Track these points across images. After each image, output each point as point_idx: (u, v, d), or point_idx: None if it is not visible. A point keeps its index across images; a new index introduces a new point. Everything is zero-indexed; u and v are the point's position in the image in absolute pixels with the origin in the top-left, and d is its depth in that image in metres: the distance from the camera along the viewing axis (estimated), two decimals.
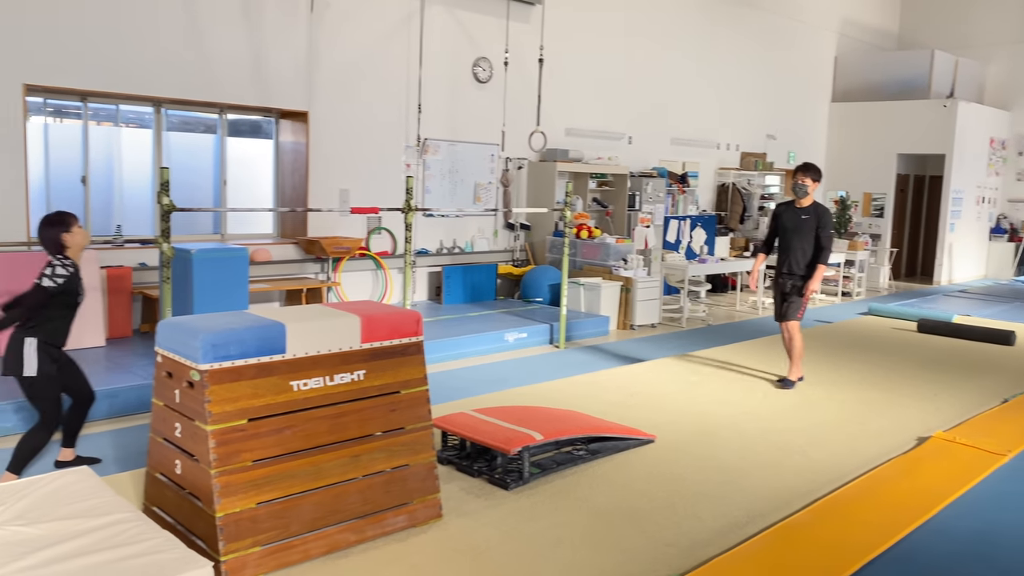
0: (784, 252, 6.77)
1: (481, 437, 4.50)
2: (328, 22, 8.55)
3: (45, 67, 6.83)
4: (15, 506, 3.31)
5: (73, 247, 4.29)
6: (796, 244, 6.66)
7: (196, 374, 3.27)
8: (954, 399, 6.68)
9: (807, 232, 6.62)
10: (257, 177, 8.90)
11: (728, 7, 13.40)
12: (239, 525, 3.26)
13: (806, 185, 6.65)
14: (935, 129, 14.66)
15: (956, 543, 3.95)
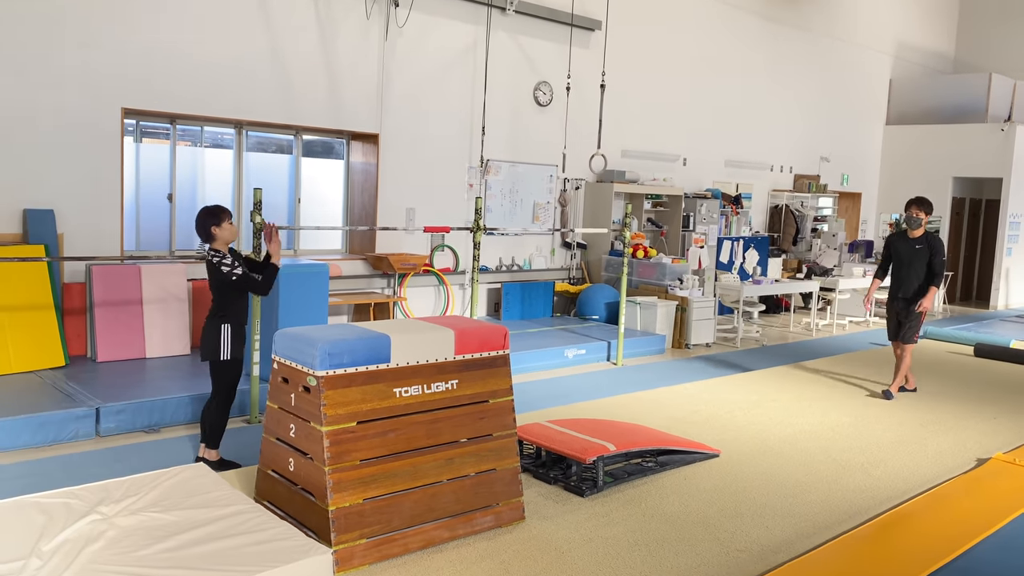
0: (898, 279, 7.41)
1: (557, 447, 4.77)
2: (399, 48, 8.98)
3: (141, 92, 7.32)
4: (148, 495, 3.68)
5: (220, 239, 4.77)
6: (911, 271, 7.30)
7: (313, 379, 3.61)
8: (1012, 422, 6.76)
9: (920, 260, 7.25)
10: (328, 195, 9.33)
11: (783, 29, 13.58)
12: (348, 518, 3.58)
13: (920, 218, 7.28)
14: (992, 153, 14.61)
15: (1017, 559, 4.10)
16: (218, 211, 4.80)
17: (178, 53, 7.49)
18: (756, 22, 13.11)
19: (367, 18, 8.65)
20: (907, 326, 7.34)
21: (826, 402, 7.18)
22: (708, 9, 12.30)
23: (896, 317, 7.44)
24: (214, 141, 8.42)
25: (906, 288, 7.32)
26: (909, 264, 7.30)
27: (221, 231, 4.77)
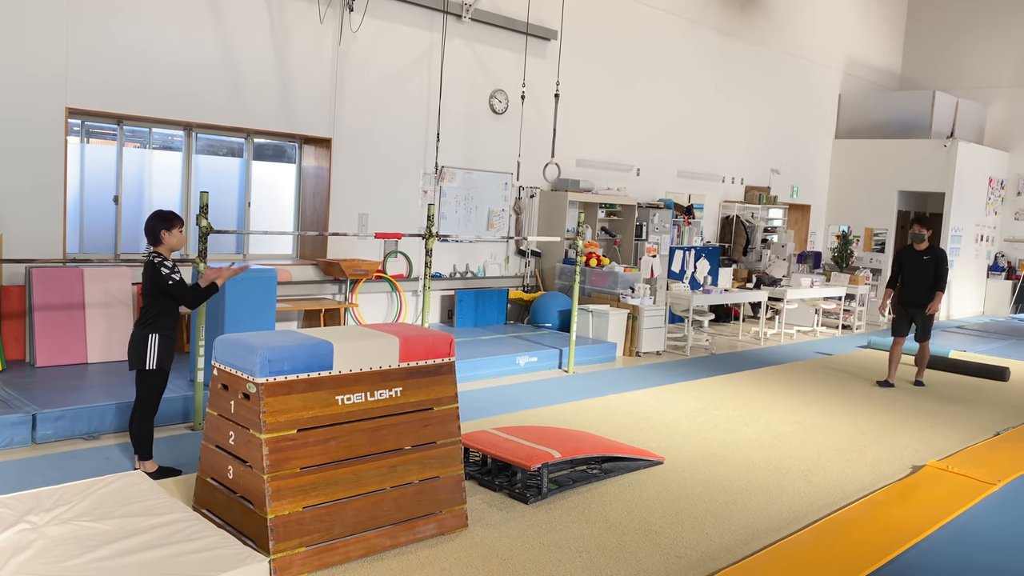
0: (910, 287, 8.55)
1: (502, 454, 4.79)
2: (353, 53, 8.94)
3: (86, 92, 7.18)
4: (81, 504, 3.60)
5: (167, 245, 4.72)
6: (920, 280, 8.46)
7: (252, 386, 3.58)
8: (949, 431, 6.96)
9: (928, 270, 8.43)
10: (279, 200, 9.24)
11: (736, 43, 13.84)
12: (287, 526, 3.55)
13: (923, 234, 8.50)
14: (935, 168, 15.05)
15: (946, 563, 4.23)
16: (171, 216, 4.75)
17: (126, 53, 7.36)
18: (710, 35, 13.33)
19: (321, 22, 8.61)
20: (921, 327, 8.62)
21: (770, 410, 7.32)
22: (663, 21, 12.48)
23: (909, 319, 8.62)
24: (163, 143, 8.29)
25: (918, 294, 8.47)
26: (919, 274, 8.44)
27: (170, 237, 4.72)
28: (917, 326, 8.64)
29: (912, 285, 8.53)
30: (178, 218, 4.78)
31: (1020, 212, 16.72)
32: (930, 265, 8.44)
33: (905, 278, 8.61)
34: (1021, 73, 16.66)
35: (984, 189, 16.05)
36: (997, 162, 16.42)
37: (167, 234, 4.71)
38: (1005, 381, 9.30)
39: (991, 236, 16.54)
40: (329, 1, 8.64)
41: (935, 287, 8.41)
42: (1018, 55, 16.67)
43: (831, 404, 7.69)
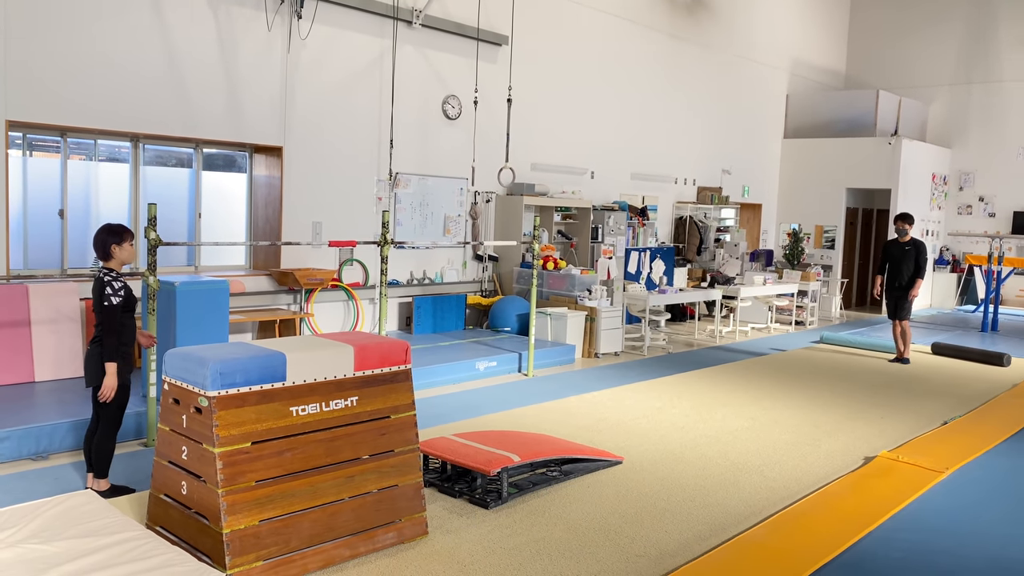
0: (894, 274, 9.94)
1: (462, 460, 4.79)
2: (303, 61, 8.87)
3: (26, 104, 7.01)
4: (28, 526, 3.51)
5: (117, 259, 4.65)
6: (902, 268, 9.84)
7: (204, 400, 3.52)
8: (899, 422, 7.13)
9: (910, 259, 9.81)
10: (231, 210, 9.11)
11: (685, 46, 14.03)
12: (244, 541, 3.50)
13: (906, 228, 9.86)
14: (881, 165, 15.42)
15: (898, 551, 4.33)
16: (121, 230, 4.68)
17: (68, 63, 7.21)
18: (660, 39, 13.50)
19: (269, 29, 8.52)
20: (903, 308, 9.84)
21: (726, 407, 7.42)
22: (612, 25, 12.60)
23: (895, 302, 9.90)
24: (110, 155, 8.13)
25: (900, 280, 9.84)
26: (902, 262, 9.82)
27: (121, 251, 4.65)
28: (899, 307, 9.88)
29: (896, 273, 9.87)
30: (128, 231, 4.72)
31: (963, 207, 17.20)
32: (911, 255, 9.77)
33: (890, 267, 9.95)
34: (960, 72, 17.17)
35: (928, 185, 16.49)
36: (939, 158, 16.89)
37: (118, 248, 4.64)
38: (1006, 367, 9.96)
39: (936, 231, 16.99)
40: (277, 8, 8.56)
41: (916, 274, 9.73)
42: (957, 54, 17.18)
43: (786, 399, 7.83)
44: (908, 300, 9.81)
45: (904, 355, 10.07)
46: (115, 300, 4.51)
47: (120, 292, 4.54)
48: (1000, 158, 16.74)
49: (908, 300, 9.81)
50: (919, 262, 9.77)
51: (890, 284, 10.00)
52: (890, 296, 10.02)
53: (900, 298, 9.86)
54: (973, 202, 17.08)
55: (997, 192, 16.81)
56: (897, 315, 9.95)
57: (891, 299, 10.00)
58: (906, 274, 9.80)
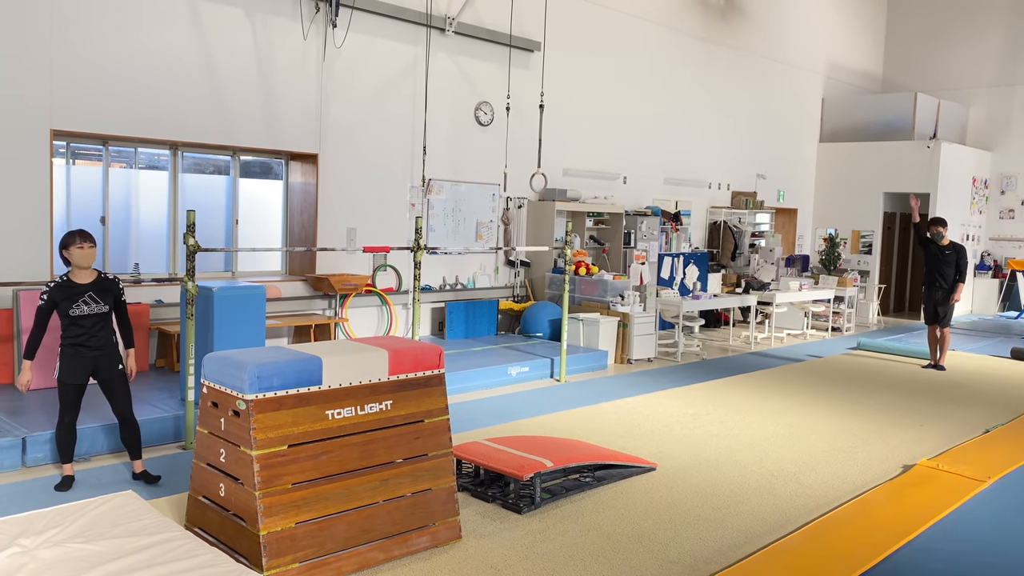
0: (932, 275, 9.80)
1: (495, 464, 4.80)
2: (338, 68, 8.98)
3: (70, 114, 7.19)
4: (72, 526, 3.59)
5: (73, 263, 4.83)
6: (944, 271, 9.72)
7: (242, 403, 3.58)
8: (939, 429, 7.01)
9: (950, 263, 9.69)
10: (267, 216, 9.24)
11: (719, 50, 13.94)
12: (280, 543, 3.55)
13: (942, 232, 9.72)
14: (919, 169, 15.17)
15: (938, 562, 4.25)
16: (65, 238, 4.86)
17: (110, 73, 7.37)
18: (692, 43, 13.43)
19: (304, 38, 8.64)
20: (944, 314, 9.72)
21: (762, 414, 7.35)
22: (644, 30, 12.57)
23: (934, 306, 9.76)
24: (149, 162, 8.30)
25: (941, 283, 9.70)
26: (943, 265, 9.69)
27: (69, 253, 4.82)
28: (940, 314, 9.75)
29: (937, 275, 9.75)
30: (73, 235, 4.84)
31: (1004, 211, 16.86)
32: (952, 258, 9.67)
33: (929, 269, 9.85)
34: (1001, 73, 16.84)
35: (968, 189, 16.18)
36: (980, 162, 16.57)
37: (67, 252, 4.83)
38: None
39: (977, 235, 16.66)
40: (312, 17, 8.68)
41: (958, 278, 9.63)
42: (998, 55, 16.85)
43: (822, 406, 7.73)
44: (950, 305, 9.68)
45: (940, 362, 9.91)
46: (39, 302, 4.77)
47: (43, 296, 4.76)
48: None
49: (950, 305, 9.68)
50: (960, 266, 9.66)
51: (929, 287, 9.88)
52: (929, 301, 9.87)
53: (941, 303, 9.73)
54: (1015, 206, 16.72)
55: None
56: (938, 321, 9.80)
57: (930, 304, 9.86)
58: (947, 277, 9.69)
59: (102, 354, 4.90)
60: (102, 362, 4.91)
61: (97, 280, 4.89)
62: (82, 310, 4.79)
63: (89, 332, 4.83)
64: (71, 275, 4.83)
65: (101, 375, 4.93)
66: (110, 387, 4.98)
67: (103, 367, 4.92)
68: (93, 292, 4.84)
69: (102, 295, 4.88)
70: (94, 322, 4.85)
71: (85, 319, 4.80)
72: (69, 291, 4.78)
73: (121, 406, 5.02)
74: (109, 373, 4.95)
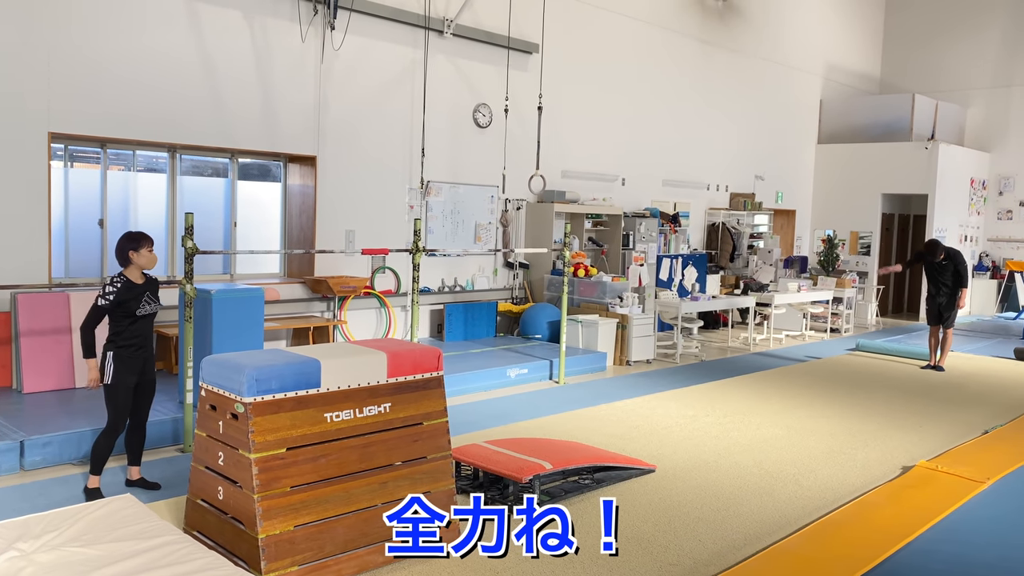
0: (934, 284, 9.90)
1: (494, 467, 4.79)
2: (336, 71, 8.97)
3: (68, 116, 7.18)
4: (69, 530, 3.58)
5: (136, 265, 4.80)
6: (943, 279, 9.81)
7: (240, 406, 3.58)
8: (938, 430, 7.00)
9: (948, 271, 9.76)
10: (265, 219, 9.24)
11: (717, 52, 13.95)
12: (279, 546, 3.54)
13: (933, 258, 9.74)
14: (918, 170, 15.18)
15: (938, 563, 4.25)
16: (139, 237, 4.84)
17: (108, 76, 7.37)
18: (690, 44, 13.44)
19: (303, 41, 8.64)
20: (947, 317, 9.83)
21: (761, 415, 7.34)
22: (643, 32, 12.58)
23: (938, 308, 9.88)
24: (147, 165, 8.29)
25: (942, 291, 9.81)
26: (939, 275, 9.80)
27: (138, 256, 4.80)
28: (943, 316, 9.86)
29: (934, 284, 9.90)
30: (146, 238, 4.85)
31: (1002, 212, 16.87)
32: (948, 267, 9.76)
33: (929, 279, 10.02)
34: (999, 74, 16.85)
35: (966, 190, 16.19)
36: (978, 163, 16.58)
37: (135, 254, 4.79)
38: None
39: (975, 236, 16.67)
40: (310, 20, 8.68)
41: (958, 284, 9.74)
42: (995, 56, 16.87)
43: (821, 407, 7.72)
44: (954, 309, 9.77)
45: (940, 363, 9.95)
46: (101, 302, 4.69)
47: (109, 296, 4.69)
48: None
49: (954, 309, 9.77)
50: (959, 272, 9.72)
51: (932, 293, 9.99)
52: (932, 304, 9.97)
53: (943, 306, 9.82)
54: (1013, 207, 16.73)
55: None
56: (941, 322, 9.88)
57: (934, 306, 9.95)
58: (947, 284, 9.76)
59: (150, 355, 4.93)
60: (149, 363, 4.94)
61: (148, 280, 4.91)
62: (145, 309, 4.81)
63: (145, 332, 4.87)
64: (128, 276, 4.80)
65: (148, 375, 4.92)
66: (147, 389, 4.96)
67: (149, 368, 4.94)
68: (149, 292, 4.87)
69: (155, 295, 4.92)
70: (149, 322, 4.90)
71: (145, 319, 4.83)
72: (133, 291, 4.78)
73: (146, 409, 5.01)
74: (151, 374, 4.97)
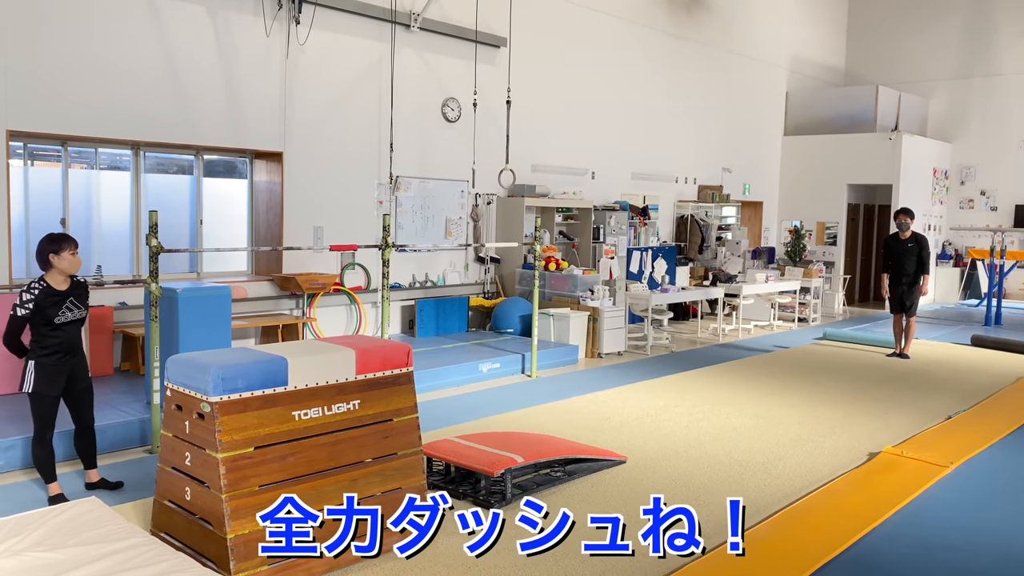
0: (897, 270, 9.90)
1: (465, 461, 4.79)
2: (302, 65, 8.89)
3: (26, 114, 7.04)
4: (33, 535, 3.52)
5: (58, 269, 4.58)
6: (905, 265, 9.79)
7: (207, 406, 3.53)
8: (903, 417, 7.12)
9: (912, 255, 9.76)
10: (232, 216, 9.13)
11: (683, 44, 14.03)
12: (248, 546, 3.51)
13: (907, 223, 9.79)
14: (882, 161, 15.40)
15: (904, 547, 4.33)
16: (60, 240, 4.61)
17: (68, 73, 7.23)
18: (658, 38, 13.50)
19: (267, 35, 8.54)
20: (909, 305, 9.85)
21: (730, 405, 7.42)
22: (610, 25, 12.61)
23: (900, 297, 9.89)
24: (111, 163, 8.16)
25: (905, 277, 9.80)
26: (904, 259, 9.77)
27: (59, 259, 4.58)
28: (905, 303, 9.89)
29: (899, 269, 9.84)
30: (68, 240, 4.63)
31: (964, 201, 17.17)
32: (914, 251, 9.75)
33: (893, 264, 9.92)
34: (960, 66, 17.14)
35: (929, 180, 16.46)
36: (940, 153, 16.86)
37: (56, 258, 4.57)
38: None
39: (938, 225, 16.96)
40: (275, 14, 8.58)
41: (920, 270, 9.77)
42: (956, 48, 17.15)
43: (789, 396, 7.82)
44: (917, 296, 9.83)
45: (904, 351, 10.04)
46: (18, 311, 4.50)
47: (27, 304, 4.50)
48: (1001, 152, 16.70)
49: (917, 296, 9.83)
50: (922, 257, 9.77)
51: (894, 281, 10.00)
52: (895, 292, 10.00)
53: (905, 294, 9.86)
54: (975, 196, 17.05)
55: (998, 186, 16.77)
56: (904, 310, 9.95)
57: (895, 295, 9.99)
58: (909, 271, 9.80)
59: (79, 361, 4.76)
60: (79, 370, 4.77)
61: (73, 285, 4.70)
62: (66, 316, 4.61)
63: (70, 339, 4.67)
64: (49, 281, 4.60)
65: (78, 383, 4.76)
66: (81, 396, 4.81)
67: (80, 375, 4.78)
68: (73, 298, 4.67)
69: (80, 300, 4.73)
70: (75, 328, 4.70)
71: (68, 326, 4.64)
72: (53, 297, 4.58)
73: (87, 414, 4.88)
74: (84, 381, 4.81)
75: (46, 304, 4.54)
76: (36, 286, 4.57)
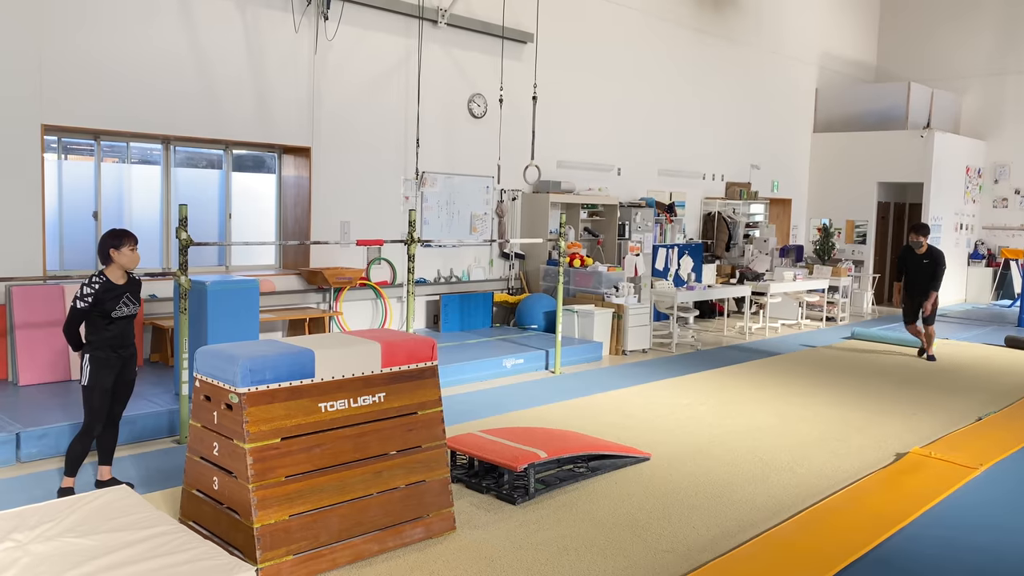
0: (912, 283, 9.81)
1: (489, 456, 4.81)
2: (330, 61, 8.95)
3: (61, 108, 7.16)
4: (65, 521, 3.59)
5: (117, 264, 4.64)
6: (920, 278, 9.70)
7: (235, 397, 3.58)
8: (931, 418, 7.03)
9: (926, 273, 9.67)
10: (260, 210, 9.22)
11: (712, 41, 13.93)
12: (274, 535, 3.56)
13: (920, 241, 9.70)
14: (913, 158, 15.19)
15: (931, 548, 4.28)
16: (121, 235, 4.67)
17: (101, 68, 7.34)
18: (685, 34, 13.42)
19: (296, 31, 8.61)
20: (924, 316, 9.75)
21: (756, 404, 7.37)
22: (638, 21, 12.55)
23: (915, 308, 9.81)
24: (142, 157, 8.27)
25: (919, 290, 9.73)
26: (919, 274, 9.70)
27: (119, 254, 4.63)
28: (920, 315, 9.77)
29: (914, 282, 9.78)
30: (129, 236, 4.69)
31: (998, 200, 16.89)
32: (928, 268, 9.63)
33: (908, 276, 9.88)
34: (994, 62, 16.84)
35: (962, 178, 16.21)
36: (974, 151, 16.59)
37: (116, 252, 4.63)
38: None
39: (971, 224, 16.70)
40: (304, 10, 8.65)
41: (930, 286, 9.62)
42: (990, 44, 16.86)
43: (816, 395, 7.75)
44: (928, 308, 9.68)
45: (929, 352, 9.89)
46: (78, 304, 4.54)
47: (87, 297, 4.54)
48: None
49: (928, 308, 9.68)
50: (935, 274, 9.61)
51: (909, 291, 9.85)
52: (909, 303, 9.86)
53: (918, 305, 9.75)
54: (1009, 195, 16.75)
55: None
56: (921, 320, 9.79)
57: (911, 306, 9.85)
58: (923, 284, 9.67)
59: (131, 355, 4.81)
60: (130, 364, 4.81)
61: (129, 281, 4.75)
62: (122, 311, 4.66)
63: (124, 333, 4.73)
64: (108, 275, 4.64)
65: (126, 376, 4.80)
66: (124, 390, 4.84)
67: (130, 368, 4.82)
68: (129, 293, 4.72)
69: (135, 295, 4.78)
70: (129, 323, 4.76)
71: (121, 320, 4.70)
72: (112, 292, 4.62)
73: (120, 410, 4.93)
74: (133, 374, 4.86)
75: (106, 298, 4.61)
76: (96, 280, 4.62)
